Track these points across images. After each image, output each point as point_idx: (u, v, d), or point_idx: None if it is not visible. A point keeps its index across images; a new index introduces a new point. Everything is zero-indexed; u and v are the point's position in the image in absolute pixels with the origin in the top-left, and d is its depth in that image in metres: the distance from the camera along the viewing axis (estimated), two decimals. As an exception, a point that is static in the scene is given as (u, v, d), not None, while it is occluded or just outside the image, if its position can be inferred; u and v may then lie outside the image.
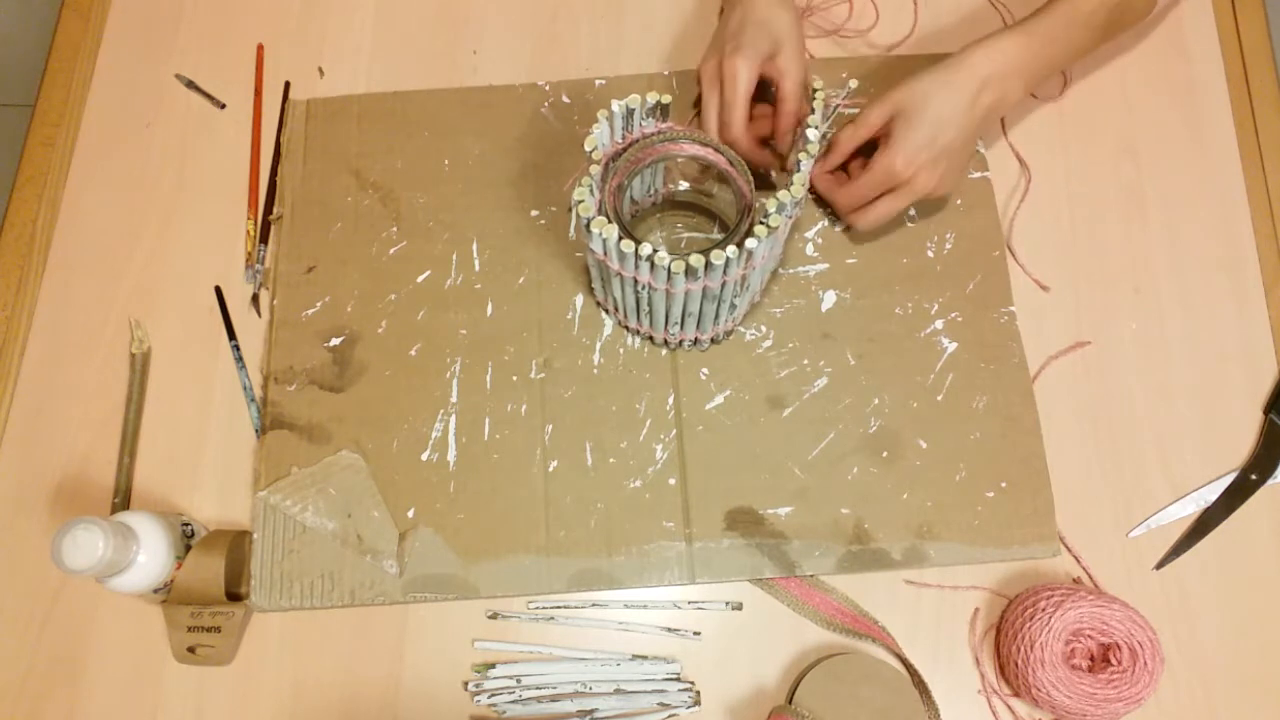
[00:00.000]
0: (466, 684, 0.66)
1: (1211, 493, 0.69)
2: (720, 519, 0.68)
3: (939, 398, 0.71)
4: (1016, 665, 0.63)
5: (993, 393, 0.71)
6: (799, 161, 0.63)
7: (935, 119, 0.66)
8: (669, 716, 0.65)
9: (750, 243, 0.60)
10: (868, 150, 0.71)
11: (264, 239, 0.77)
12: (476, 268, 0.75)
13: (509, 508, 0.69)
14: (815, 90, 0.66)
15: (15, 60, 1.61)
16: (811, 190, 0.74)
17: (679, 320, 0.67)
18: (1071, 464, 0.70)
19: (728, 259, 0.60)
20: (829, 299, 0.73)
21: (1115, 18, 0.71)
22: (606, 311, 0.73)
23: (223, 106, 0.81)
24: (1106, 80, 0.80)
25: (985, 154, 0.77)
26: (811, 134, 0.64)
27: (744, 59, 0.68)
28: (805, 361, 0.72)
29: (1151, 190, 0.77)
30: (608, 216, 0.62)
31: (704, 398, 0.71)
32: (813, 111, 0.65)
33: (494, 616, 0.68)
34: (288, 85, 0.82)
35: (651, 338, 0.72)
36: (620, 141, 0.65)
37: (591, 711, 0.64)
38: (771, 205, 0.60)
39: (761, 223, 0.60)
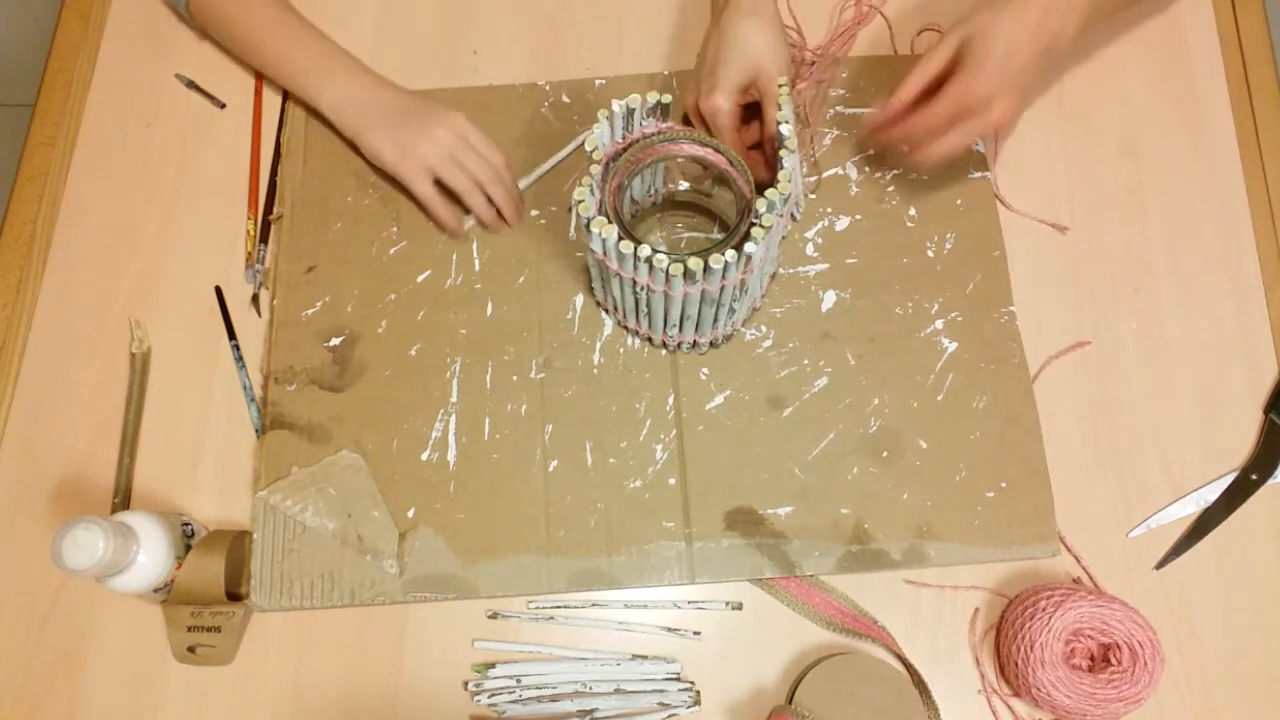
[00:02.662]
0: (466, 684, 0.66)
1: (1211, 493, 0.69)
2: (720, 519, 0.68)
3: (939, 398, 0.71)
4: (1016, 665, 0.63)
5: (993, 393, 0.71)
6: (781, 159, 0.63)
7: (1006, 43, 0.64)
8: (669, 716, 0.65)
9: (749, 246, 0.60)
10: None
11: (264, 239, 0.77)
12: (476, 268, 0.75)
13: (509, 507, 0.69)
14: (780, 85, 0.66)
15: (15, 60, 1.61)
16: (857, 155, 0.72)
17: (677, 323, 0.67)
18: (1071, 464, 0.70)
19: (726, 263, 0.60)
20: (829, 299, 0.73)
21: None
22: (606, 311, 0.73)
23: (223, 106, 0.81)
24: (1106, 80, 0.80)
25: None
26: (784, 129, 0.64)
27: (720, 95, 0.68)
28: (805, 361, 0.72)
29: (1151, 190, 0.77)
30: (608, 216, 0.62)
31: (704, 398, 0.71)
32: (779, 108, 0.65)
33: (494, 616, 0.68)
34: (288, 85, 0.82)
35: (650, 339, 0.72)
36: (620, 141, 0.65)
37: (591, 711, 0.64)
38: (761, 205, 0.60)
39: (755, 223, 0.60)
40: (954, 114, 0.66)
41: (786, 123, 0.64)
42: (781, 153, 0.63)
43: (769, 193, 0.60)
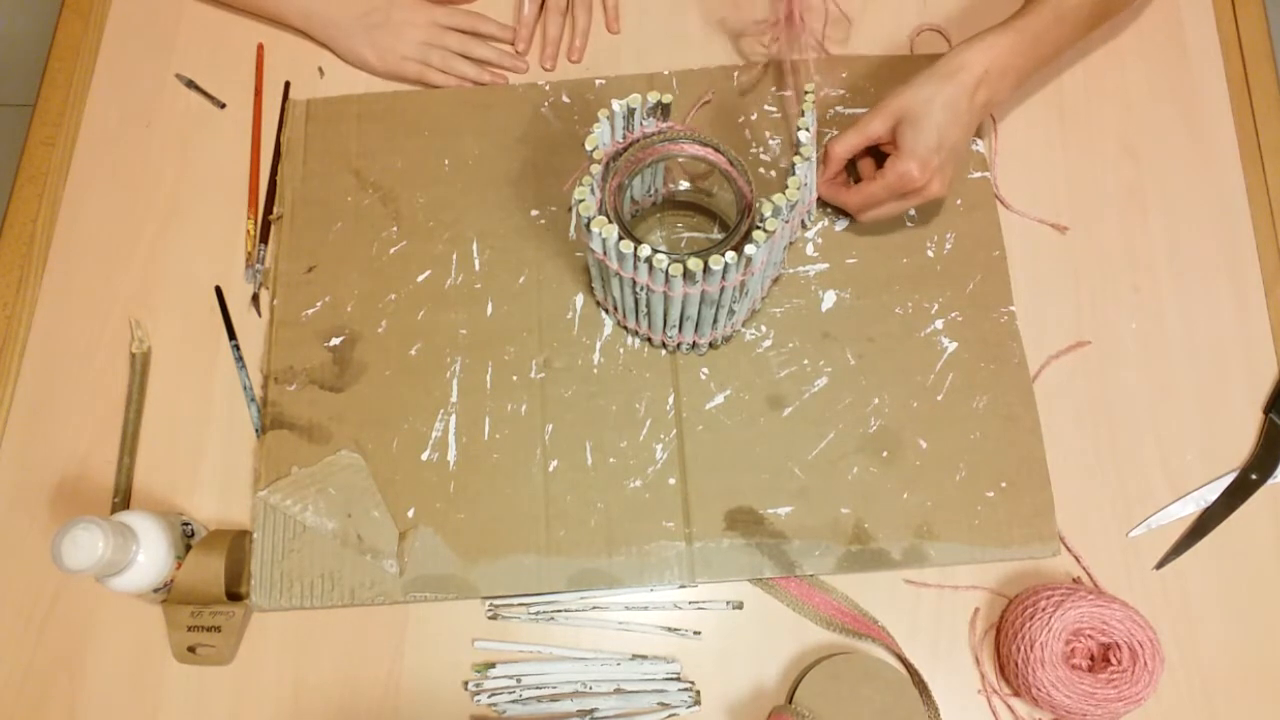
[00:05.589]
0: (466, 684, 0.66)
1: (1211, 493, 0.69)
2: (720, 519, 0.68)
3: (939, 398, 0.71)
4: (1016, 665, 0.63)
5: (993, 393, 0.71)
6: (793, 165, 0.63)
7: (940, 122, 0.66)
8: (669, 716, 0.65)
9: (749, 249, 0.60)
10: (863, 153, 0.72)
11: (264, 239, 0.77)
12: (476, 268, 0.75)
13: (509, 507, 0.69)
14: (807, 92, 0.66)
15: (15, 60, 1.61)
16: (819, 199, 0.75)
17: (677, 323, 0.67)
18: (1071, 464, 0.70)
19: (726, 264, 0.60)
20: (829, 299, 0.73)
21: (1100, 10, 0.71)
22: (606, 311, 0.73)
23: (223, 106, 0.81)
24: (1106, 80, 0.80)
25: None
26: (803, 136, 0.64)
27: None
28: (805, 361, 0.72)
29: (1151, 190, 0.77)
30: (608, 216, 0.62)
31: (704, 397, 0.71)
32: (803, 114, 0.65)
33: (494, 616, 0.68)
34: (288, 85, 0.82)
35: (650, 339, 0.72)
36: (621, 141, 0.65)
37: (591, 711, 0.64)
38: (767, 209, 0.60)
39: (758, 227, 0.60)
40: (891, 194, 0.69)
41: (807, 130, 0.64)
42: (795, 159, 0.63)
43: (775, 197, 0.60)
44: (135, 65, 0.83)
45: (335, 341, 0.73)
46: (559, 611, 0.67)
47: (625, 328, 0.73)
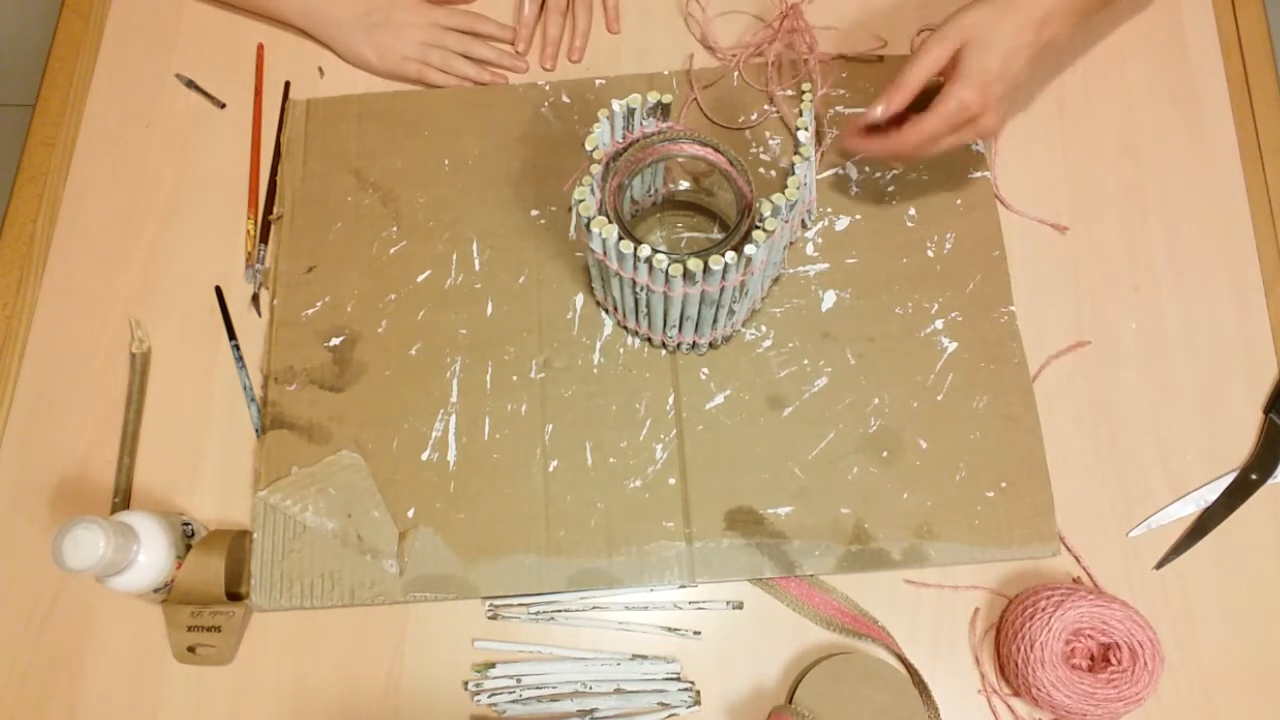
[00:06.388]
0: (466, 684, 0.66)
1: (1211, 493, 0.69)
2: (720, 519, 0.68)
3: (939, 398, 0.71)
4: (1016, 665, 0.63)
5: (993, 393, 0.71)
6: (793, 165, 0.63)
7: (1006, 48, 0.63)
8: (669, 716, 0.65)
9: (749, 249, 0.60)
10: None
11: (264, 239, 0.77)
12: (476, 267, 0.75)
13: (509, 507, 0.69)
14: (805, 92, 0.66)
15: (15, 60, 1.61)
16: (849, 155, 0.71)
17: (677, 323, 0.67)
18: (1071, 464, 0.70)
19: (726, 264, 0.60)
20: (829, 299, 0.73)
21: None
22: (606, 311, 0.73)
23: (223, 106, 0.81)
24: (1106, 80, 0.80)
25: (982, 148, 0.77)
26: (802, 135, 0.64)
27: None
28: (805, 361, 0.72)
29: (1151, 190, 0.77)
30: (608, 216, 0.62)
31: (704, 397, 0.71)
32: (801, 113, 0.65)
33: (494, 616, 0.68)
34: (288, 85, 0.82)
35: (650, 339, 0.72)
36: (621, 141, 0.65)
37: (591, 711, 0.64)
38: (766, 209, 0.60)
39: (758, 227, 0.60)
40: (949, 125, 0.66)
41: (805, 129, 0.64)
42: (794, 159, 0.63)
43: (775, 197, 0.60)
44: (135, 65, 0.83)
45: (335, 341, 0.73)
46: (559, 611, 0.67)
47: (625, 328, 0.73)
